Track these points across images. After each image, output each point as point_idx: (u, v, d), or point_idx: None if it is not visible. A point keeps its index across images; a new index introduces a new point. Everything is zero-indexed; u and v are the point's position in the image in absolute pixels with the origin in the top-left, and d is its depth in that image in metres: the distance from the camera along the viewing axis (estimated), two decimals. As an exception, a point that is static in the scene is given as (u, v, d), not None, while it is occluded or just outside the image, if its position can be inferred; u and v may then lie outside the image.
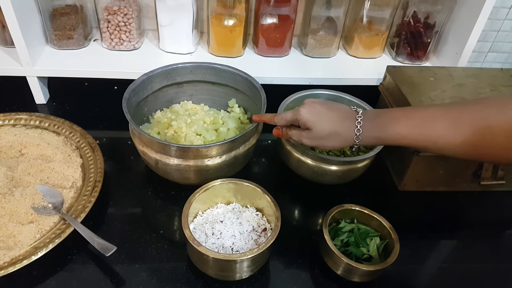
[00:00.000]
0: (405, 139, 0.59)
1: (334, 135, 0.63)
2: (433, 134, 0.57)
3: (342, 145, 0.64)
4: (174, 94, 0.89)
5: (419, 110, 0.60)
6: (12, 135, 0.81)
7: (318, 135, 0.63)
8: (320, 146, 0.65)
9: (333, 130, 0.62)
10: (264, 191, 0.68)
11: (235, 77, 0.86)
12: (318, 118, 0.63)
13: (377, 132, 0.61)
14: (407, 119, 0.59)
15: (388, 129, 0.60)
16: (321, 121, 0.63)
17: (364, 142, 0.62)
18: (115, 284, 0.63)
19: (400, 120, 0.60)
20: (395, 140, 0.60)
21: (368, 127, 0.61)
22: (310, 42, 1.02)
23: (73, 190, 0.73)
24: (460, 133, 0.55)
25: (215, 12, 0.96)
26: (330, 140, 0.63)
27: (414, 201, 0.82)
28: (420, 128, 0.58)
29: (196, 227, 0.67)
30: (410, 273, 0.70)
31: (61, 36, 0.96)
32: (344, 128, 0.62)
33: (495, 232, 0.80)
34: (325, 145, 0.64)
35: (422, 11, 1.00)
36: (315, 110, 0.64)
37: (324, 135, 0.63)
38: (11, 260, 0.61)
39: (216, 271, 0.62)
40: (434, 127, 0.57)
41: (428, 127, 0.57)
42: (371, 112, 0.63)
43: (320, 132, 0.63)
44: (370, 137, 0.62)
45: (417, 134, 0.58)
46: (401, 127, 0.59)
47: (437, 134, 0.57)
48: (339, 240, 0.69)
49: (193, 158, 0.70)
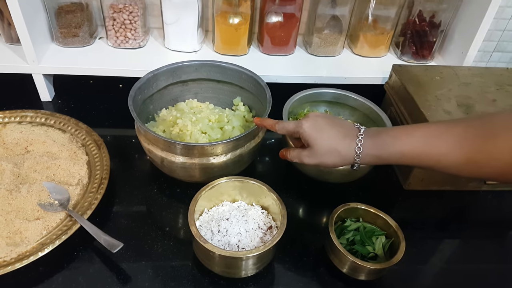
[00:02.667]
0: (406, 158, 0.58)
1: (334, 152, 0.61)
2: (436, 153, 0.55)
3: (343, 163, 0.62)
4: (179, 92, 0.90)
5: (421, 128, 0.58)
6: (18, 132, 0.81)
7: (319, 152, 0.62)
8: (321, 163, 0.63)
9: (333, 147, 0.61)
10: (270, 189, 0.68)
11: (240, 75, 0.86)
12: (319, 135, 0.62)
13: (378, 151, 0.59)
14: (408, 137, 0.58)
15: (389, 148, 0.58)
16: (322, 138, 0.62)
17: (364, 161, 0.61)
18: (121, 280, 0.63)
19: (401, 138, 0.58)
20: (396, 159, 0.59)
21: (369, 146, 0.60)
22: (315, 40, 1.02)
23: (79, 187, 0.73)
24: (464, 151, 0.53)
25: (221, 10, 0.96)
26: (330, 158, 0.62)
27: (420, 200, 0.82)
28: (422, 146, 0.56)
29: (202, 225, 0.67)
30: (415, 272, 0.70)
31: (67, 34, 0.96)
32: (344, 146, 0.61)
33: (501, 232, 0.79)
34: (326, 162, 0.63)
35: (427, 10, 1.00)
36: (317, 125, 0.63)
37: (324, 152, 0.62)
38: (18, 256, 0.62)
39: (222, 268, 0.62)
40: (436, 145, 0.55)
41: (430, 145, 0.56)
42: (373, 131, 0.62)
43: (320, 149, 0.62)
44: (370, 156, 0.60)
45: (419, 153, 0.56)
46: (402, 145, 0.58)
47: (440, 152, 0.55)
48: (344, 238, 0.69)
49: (198, 156, 0.70)
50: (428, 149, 0.56)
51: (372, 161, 0.61)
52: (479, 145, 0.52)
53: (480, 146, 0.52)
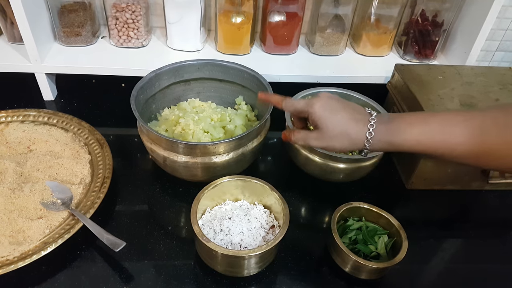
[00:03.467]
0: (421, 145, 0.56)
1: (345, 135, 0.59)
2: (452, 141, 0.53)
3: (351, 148, 0.60)
4: (181, 91, 0.90)
5: (438, 116, 0.56)
6: (21, 131, 0.81)
7: (328, 134, 0.59)
8: (328, 146, 0.61)
9: (344, 130, 0.59)
10: (272, 188, 0.68)
11: (243, 74, 0.86)
12: (331, 116, 0.59)
13: (391, 137, 0.57)
14: (423, 124, 0.56)
15: (403, 134, 0.56)
16: (333, 120, 0.59)
17: (375, 146, 0.58)
18: (124, 279, 0.64)
19: (415, 125, 0.56)
20: (410, 146, 0.56)
21: (381, 131, 0.57)
22: (318, 40, 1.02)
23: (81, 186, 0.74)
24: (482, 140, 0.51)
25: (223, 9, 0.96)
26: (339, 141, 0.59)
27: (422, 199, 0.82)
28: (438, 134, 0.54)
29: (205, 224, 0.67)
30: (418, 271, 0.70)
31: (69, 33, 0.96)
32: (355, 129, 0.58)
33: (503, 231, 0.79)
34: (334, 145, 0.60)
35: (430, 10, 0.99)
36: (329, 106, 0.59)
37: (334, 134, 0.59)
38: (21, 255, 0.62)
39: (224, 267, 0.62)
40: (453, 134, 0.53)
41: (447, 133, 0.54)
42: (385, 116, 0.59)
43: (330, 131, 0.59)
44: (382, 142, 0.58)
45: (435, 141, 0.55)
46: (417, 132, 0.56)
47: (457, 142, 0.53)
48: (347, 237, 0.69)
49: (200, 155, 0.70)
50: (445, 137, 0.54)
51: (383, 147, 0.59)
52: (498, 134, 0.50)
53: (499, 136, 0.50)
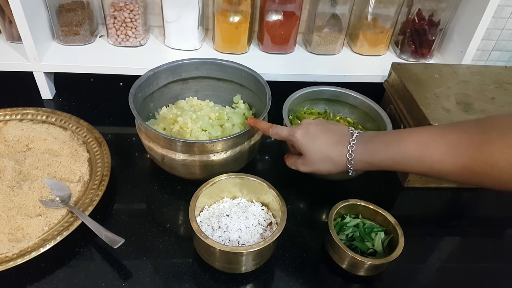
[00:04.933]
0: (398, 165, 0.56)
1: (327, 159, 0.61)
2: (429, 160, 0.53)
3: (337, 170, 0.62)
4: (179, 90, 0.90)
5: (414, 134, 0.56)
6: (19, 130, 0.82)
7: (312, 159, 0.62)
8: (315, 171, 0.63)
9: (325, 155, 0.61)
10: (270, 185, 0.68)
11: (240, 73, 0.86)
12: (311, 142, 0.62)
13: (370, 157, 0.58)
14: (400, 143, 0.56)
15: (379, 154, 0.57)
16: (314, 145, 0.62)
17: (357, 167, 0.60)
18: (122, 276, 0.64)
19: (393, 144, 0.57)
20: (388, 166, 0.57)
21: (360, 152, 0.59)
22: (315, 39, 1.02)
23: (80, 184, 0.74)
24: (459, 158, 0.51)
25: (221, 8, 0.96)
26: (323, 165, 0.62)
27: (419, 197, 0.83)
28: (414, 152, 0.54)
29: (203, 221, 0.68)
30: (414, 268, 0.71)
31: (68, 32, 0.96)
32: (336, 152, 0.60)
33: (499, 229, 0.80)
34: (320, 169, 0.63)
35: (426, 9, 1.00)
36: (309, 134, 0.63)
37: (317, 160, 0.62)
38: (20, 252, 0.62)
39: (222, 263, 0.63)
40: (429, 152, 0.53)
41: (423, 152, 0.54)
42: (366, 136, 0.60)
43: (313, 156, 0.62)
44: (363, 162, 0.59)
45: (411, 160, 0.55)
46: (393, 152, 0.56)
47: (433, 160, 0.53)
48: (344, 234, 0.69)
49: (198, 153, 0.70)
50: (420, 155, 0.54)
51: (365, 167, 0.60)
52: (474, 153, 0.50)
53: (475, 154, 0.50)
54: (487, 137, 0.49)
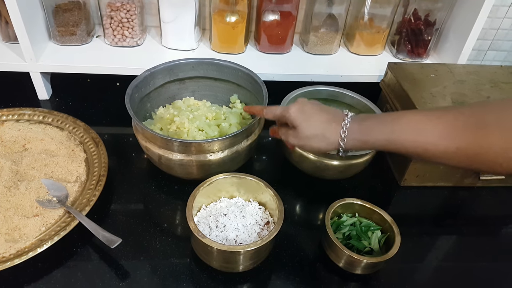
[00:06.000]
0: (392, 145, 0.56)
1: (320, 136, 0.61)
2: (423, 140, 0.53)
3: (328, 148, 0.62)
4: (176, 90, 0.90)
5: (409, 114, 0.56)
6: (16, 130, 0.81)
7: (304, 134, 0.62)
8: (305, 146, 0.63)
9: (319, 132, 0.61)
10: (267, 185, 0.69)
11: (237, 72, 0.86)
12: (306, 118, 0.62)
13: (363, 136, 0.58)
14: (395, 123, 0.56)
15: (374, 133, 0.57)
16: (308, 121, 0.62)
17: (349, 145, 0.59)
18: (120, 276, 0.64)
19: (387, 124, 0.56)
20: (382, 145, 0.57)
21: (354, 130, 0.59)
22: (312, 39, 1.02)
23: (77, 184, 0.74)
24: (454, 140, 0.51)
25: (218, 8, 0.96)
26: (315, 141, 0.62)
27: (415, 196, 0.83)
28: (409, 133, 0.54)
29: (200, 220, 0.68)
30: (410, 266, 0.71)
31: (64, 32, 0.96)
32: (330, 130, 0.60)
33: (495, 228, 0.80)
34: (311, 145, 0.62)
35: (422, 9, 1.00)
36: (304, 110, 0.63)
37: (310, 135, 0.61)
38: (17, 252, 0.62)
39: (220, 262, 0.63)
40: (424, 133, 0.53)
41: (418, 132, 0.53)
42: (361, 116, 0.60)
43: (305, 131, 0.62)
44: (356, 140, 0.59)
45: (405, 140, 0.54)
46: (388, 131, 0.56)
47: (428, 141, 0.52)
48: (340, 233, 0.69)
49: (195, 153, 0.70)
50: (415, 136, 0.54)
51: (357, 146, 0.60)
52: (469, 135, 0.50)
53: (470, 136, 0.50)
54: (483, 121, 0.49)
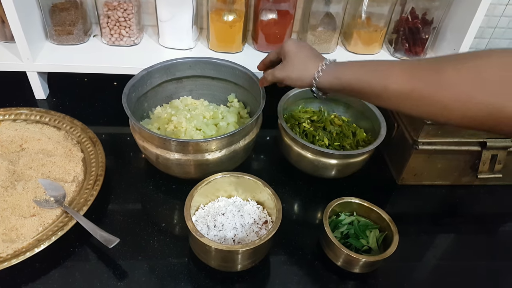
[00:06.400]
0: (361, 82, 0.60)
1: (302, 67, 0.67)
2: (386, 79, 0.57)
3: (305, 79, 0.66)
4: (173, 89, 0.90)
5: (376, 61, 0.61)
6: (13, 130, 0.81)
7: (291, 63, 0.68)
8: (287, 75, 0.68)
9: (304, 62, 0.67)
10: (265, 184, 0.69)
11: (234, 71, 0.86)
12: (298, 48, 0.68)
13: (337, 73, 0.63)
14: (364, 64, 0.61)
15: (346, 70, 0.62)
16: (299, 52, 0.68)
17: (323, 80, 0.64)
18: (118, 276, 0.64)
19: (357, 65, 0.62)
20: (351, 83, 0.61)
21: (331, 68, 0.64)
22: (309, 38, 1.02)
23: (74, 184, 0.74)
24: (412, 79, 0.54)
25: (215, 7, 0.96)
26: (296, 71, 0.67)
27: (413, 194, 0.83)
28: (374, 72, 0.59)
29: (198, 220, 0.68)
30: (409, 265, 0.71)
31: (61, 32, 0.96)
32: (311, 63, 0.66)
33: (492, 225, 0.81)
34: (292, 75, 0.68)
35: (420, 7, 1.00)
36: (299, 43, 0.69)
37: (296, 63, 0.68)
38: (14, 252, 0.62)
39: (218, 262, 0.63)
40: (389, 72, 0.57)
41: (382, 72, 0.58)
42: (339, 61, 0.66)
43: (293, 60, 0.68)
44: (331, 76, 0.64)
45: (372, 77, 0.58)
46: (356, 71, 0.61)
47: (390, 80, 0.56)
48: (339, 232, 0.69)
49: (193, 153, 0.70)
50: (379, 75, 0.58)
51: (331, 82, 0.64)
52: (426, 76, 0.53)
53: (426, 77, 0.53)
54: (440, 65, 0.53)
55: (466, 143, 0.78)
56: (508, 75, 0.48)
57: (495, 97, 0.48)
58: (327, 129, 0.86)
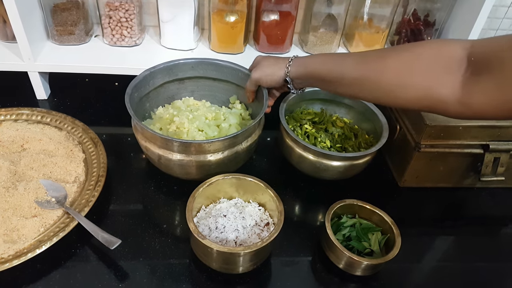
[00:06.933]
0: (322, 70, 0.68)
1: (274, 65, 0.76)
2: (343, 67, 0.65)
3: (276, 73, 0.75)
4: (175, 90, 0.90)
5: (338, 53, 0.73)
6: (14, 130, 0.81)
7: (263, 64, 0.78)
8: (262, 75, 0.76)
9: (273, 62, 0.77)
10: (267, 186, 0.68)
11: (237, 73, 0.86)
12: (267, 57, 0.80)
13: (303, 63, 0.72)
14: (324, 56, 0.71)
15: (310, 61, 0.71)
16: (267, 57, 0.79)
17: (293, 70, 0.73)
18: (119, 277, 0.64)
19: (320, 56, 0.71)
20: (314, 70, 0.70)
21: (298, 60, 0.73)
22: (311, 39, 1.02)
23: (76, 184, 0.73)
24: (361, 68, 0.63)
25: (217, 8, 0.96)
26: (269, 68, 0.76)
27: (415, 197, 0.83)
28: (332, 62, 0.68)
29: (200, 221, 0.67)
30: (411, 268, 0.71)
31: (63, 32, 0.96)
32: (281, 62, 0.75)
33: (495, 228, 0.81)
34: (265, 71, 0.76)
35: (422, 9, 1.01)
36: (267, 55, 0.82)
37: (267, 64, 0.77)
38: (16, 253, 0.62)
39: (220, 264, 0.63)
40: (345, 61, 0.66)
41: (338, 61, 0.67)
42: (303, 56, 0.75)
43: (265, 62, 0.78)
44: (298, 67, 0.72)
45: (330, 67, 0.67)
46: (319, 60, 0.70)
47: (346, 68, 0.65)
48: (340, 234, 0.69)
49: (195, 154, 0.70)
50: (336, 64, 0.67)
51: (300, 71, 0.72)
52: (372, 63, 0.62)
53: (372, 64, 0.62)
54: (385, 53, 0.62)
55: (468, 146, 0.78)
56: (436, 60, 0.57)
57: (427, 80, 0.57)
58: (329, 130, 0.86)
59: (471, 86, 0.53)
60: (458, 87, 0.54)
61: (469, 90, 0.53)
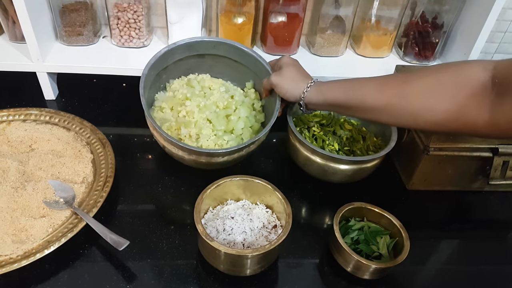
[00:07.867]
0: (340, 99, 0.69)
1: (293, 81, 0.75)
2: (361, 95, 0.66)
3: (294, 92, 0.74)
4: (194, 62, 0.89)
5: (355, 79, 0.70)
6: (23, 130, 0.81)
7: (284, 74, 0.77)
8: (280, 82, 0.76)
9: (294, 76, 0.76)
10: (275, 188, 0.68)
11: (257, 64, 0.85)
12: (290, 65, 0.78)
13: (321, 91, 0.72)
14: (342, 84, 0.71)
15: (329, 89, 0.71)
16: (290, 67, 0.78)
17: (309, 95, 0.73)
18: (126, 278, 0.64)
19: (339, 84, 0.71)
20: (332, 100, 0.71)
21: (316, 86, 0.73)
22: (318, 41, 1.02)
23: (84, 185, 0.74)
24: (384, 93, 0.63)
25: (224, 9, 0.96)
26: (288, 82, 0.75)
27: (423, 200, 0.83)
28: (352, 90, 0.68)
29: (207, 223, 0.67)
30: (419, 271, 0.71)
31: (71, 33, 0.96)
32: (300, 80, 0.75)
33: (503, 232, 0.80)
34: (283, 85, 0.76)
35: (430, 11, 1.00)
36: (294, 61, 0.79)
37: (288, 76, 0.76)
38: (24, 253, 0.62)
39: (227, 266, 0.63)
40: (362, 89, 0.66)
41: (358, 89, 0.67)
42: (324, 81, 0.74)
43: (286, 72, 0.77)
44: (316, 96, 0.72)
45: (349, 95, 0.68)
46: (338, 88, 0.70)
47: (365, 95, 0.65)
48: (349, 238, 0.69)
49: (205, 156, 0.72)
50: (356, 91, 0.67)
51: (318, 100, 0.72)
52: (396, 88, 0.63)
53: (396, 89, 0.62)
54: (409, 78, 0.63)
55: (477, 149, 0.77)
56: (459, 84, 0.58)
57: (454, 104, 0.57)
58: (337, 133, 0.86)
59: (498, 107, 0.54)
60: (487, 109, 0.55)
61: (497, 110, 0.55)
